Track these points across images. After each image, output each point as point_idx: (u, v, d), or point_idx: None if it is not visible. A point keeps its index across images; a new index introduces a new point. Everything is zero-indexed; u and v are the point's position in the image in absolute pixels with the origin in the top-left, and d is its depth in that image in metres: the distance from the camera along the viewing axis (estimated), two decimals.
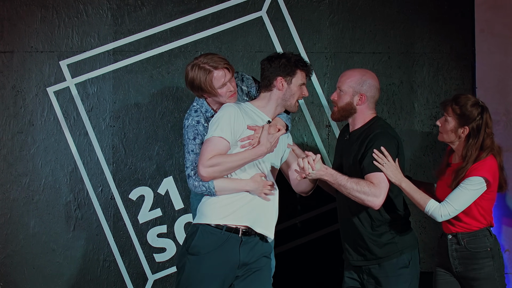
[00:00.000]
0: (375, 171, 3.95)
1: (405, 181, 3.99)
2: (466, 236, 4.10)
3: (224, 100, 4.05)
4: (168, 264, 5.10)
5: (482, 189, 4.02)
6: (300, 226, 5.09)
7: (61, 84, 5.08)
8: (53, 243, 5.07)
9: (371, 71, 4.17)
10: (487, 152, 4.04)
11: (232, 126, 3.90)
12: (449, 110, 4.10)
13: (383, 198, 3.94)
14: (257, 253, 3.99)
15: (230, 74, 4.02)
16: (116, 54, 5.08)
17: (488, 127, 4.06)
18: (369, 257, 4.09)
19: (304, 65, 4.06)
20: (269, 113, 4.07)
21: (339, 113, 4.14)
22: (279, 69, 4.01)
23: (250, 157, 3.90)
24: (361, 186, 3.91)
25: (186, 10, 5.10)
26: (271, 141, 3.92)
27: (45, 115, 5.07)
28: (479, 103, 4.09)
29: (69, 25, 5.08)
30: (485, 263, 4.08)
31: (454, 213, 4.00)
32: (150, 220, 5.11)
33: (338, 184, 3.93)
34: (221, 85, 4.00)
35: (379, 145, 3.97)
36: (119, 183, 5.09)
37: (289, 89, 4.05)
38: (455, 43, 5.16)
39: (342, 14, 5.14)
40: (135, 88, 5.10)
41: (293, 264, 5.06)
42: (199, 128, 4.04)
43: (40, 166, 5.06)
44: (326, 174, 3.93)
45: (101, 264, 5.09)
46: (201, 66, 4.01)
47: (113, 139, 5.08)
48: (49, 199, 5.06)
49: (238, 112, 3.94)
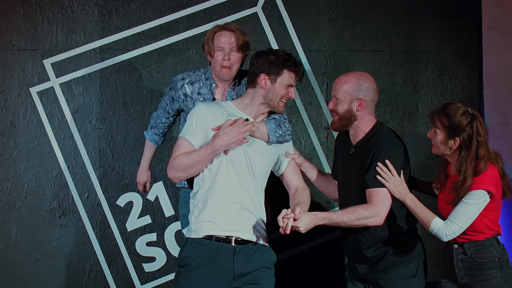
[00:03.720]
0: (377, 187, 3.94)
1: (409, 197, 3.98)
2: (472, 245, 4.06)
3: (217, 70, 4.15)
4: (158, 274, 5.09)
5: (485, 202, 3.98)
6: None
7: (45, 84, 5.07)
8: (37, 252, 5.06)
9: (367, 73, 4.12)
10: (484, 161, 3.99)
11: (198, 127, 3.90)
12: (437, 122, 4.07)
13: (385, 213, 3.94)
14: (255, 263, 3.93)
15: (235, 44, 4.12)
16: (103, 52, 5.07)
17: (480, 136, 4.01)
18: (376, 268, 4.06)
19: (293, 65, 3.94)
20: (251, 112, 3.99)
21: (339, 122, 4.08)
22: (265, 65, 3.92)
23: (206, 152, 3.87)
24: (358, 214, 3.91)
25: (177, 6, 5.09)
26: (230, 134, 3.84)
27: (28, 117, 5.05)
28: (468, 112, 4.04)
29: (53, 21, 5.06)
30: (493, 274, 4.03)
31: (459, 230, 3.98)
32: (139, 227, 5.10)
33: (336, 223, 3.92)
34: (219, 46, 4.10)
35: (384, 157, 3.95)
36: (106, 189, 5.08)
37: (272, 88, 3.95)
38: (461, 41, 5.15)
39: (342, 10, 5.13)
40: (123, 88, 5.08)
41: (292, 273, 5.04)
42: (178, 84, 4.26)
43: (22, 171, 5.05)
44: (319, 220, 3.88)
45: (87, 274, 5.07)
46: (220, 25, 4.20)
47: (99, 142, 5.06)
48: (32, 205, 5.06)
49: (206, 112, 3.91)
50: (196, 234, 3.88)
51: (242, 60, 4.22)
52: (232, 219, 3.88)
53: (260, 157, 3.95)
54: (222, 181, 3.89)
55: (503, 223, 4.30)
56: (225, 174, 3.89)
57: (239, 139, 3.85)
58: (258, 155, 3.95)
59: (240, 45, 4.13)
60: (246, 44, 4.17)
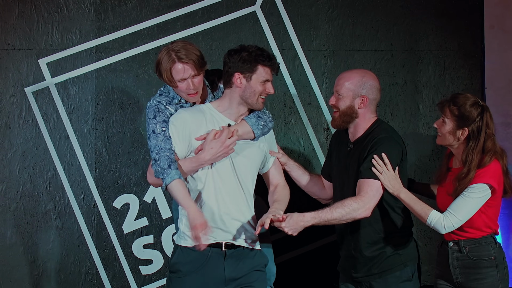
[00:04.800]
0: (370, 178, 3.95)
1: (404, 192, 3.99)
2: (468, 243, 4.07)
3: (184, 96, 4.00)
4: (155, 277, 5.07)
5: (486, 196, 3.99)
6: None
7: (40, 84, 5.05)
8: (32, 254, 5.04)
9: (370, 71, 4.16)
10: (490, 155, 4.02)
11: (181, 134, 3.89)
12: (447, 111, 4.09)
13: (373, 205, 3.93)
14: (246, 267, 3.93)
15: (194, 72, 3.92)
16: (99, 51, 5.05)
17: (489, 128, 4.05)
18: (371, 271, 4.06)
19: (267, 60, 3.91)
20: (231, 115, 3.98)
21: (340, 119, 4.09)
22: (238, 64, 3.90)
23: (190, 165, 3.88)
24: (348, 206, 3.91)
25: (174, 5, 5.08)
26: (215, 148, 3.84)
27: (23, 117, 5.03)
28: (478, 103, 4.07)
29: (48, 20, 5.04)
30: (489, 273, 4.03)
31: (458, 224, 3.98)
32: (136, 230, 5.07)
33: (326, 221, 3.91)
34: (179, 79, 3.93)
35: (381, 150, 3.96)
36: (103, 190, 5.06)
37: (249, 86, 3.92)
38: (463, 40, 5.15)
39: (342, 9, 5.12)
40: (119, 89, 5.06)
41: (286, 277, 4.97)
42: (160, 107, 4.00)
43: (17, 172, 5.03)
44: (307, 221, 3.88)
45: (83, 277, 5.05)
46: (169, 53, 3.95)
47: (96, 143, 5.05)
48: (27, 207, 5.04)
49: (189, 120, 3.90)
50: (186, 243, 3.90)
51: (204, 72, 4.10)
52: (221, 229, 3.89)
53: (247, 161, 3.95)
54: (209, 192, 3.90)
55: (506, 224, 4.34)
56: (211, 186, 3.90)
57: (224, 152, 3.85)
58: (245, 160, 3.94)
59: (198, 68, 3.95)
60: (201, 61, 3.99)
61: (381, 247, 4.02)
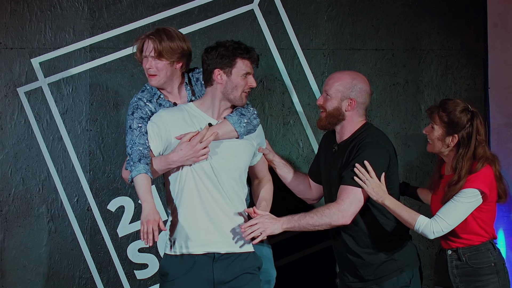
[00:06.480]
0: (351, 185, 3.96)
1: (388, 198, 3.98)
2: (467, 250, 4.08)
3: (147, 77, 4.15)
4: (150, 281, 5.08)
5: (477, 202, 4.01)
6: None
7: (32, 84, 5.05)
8: (24, 258, 5.04)
9: (362, 74, 4.20)
10: (482, 162, 4.03)
11: (156, 132, 3.96)
12: (436, 118, 4.13)
13: (352, 213, 3.95)
14: (236, 270, 3.94)
15: (153, 50, 4.06)
16: (93, 51, 5.06)
17: (480, 135, 4.06)
18: (367, 278, 4.08)
19: (245, 52, 3.97)
20: (213, 113, 4.01)
21: (326, 120, 4.12)
22: (216, 60, 3.96)
23: (160, 164, 3.95)
24: (322, 213, 3.93)
25: (170, 3, 5.09)
26: (184, 151, 3.88)
27: (15, 118, 5.02)
28: (468, 109, 4.09)
29: (41, 19, 5.04)
30: (489, 280, 4.04)
31: (447, 228, 3.98)
32: (131, 233, 5.07)
33: (302, 227, 3.94)
34: (143, 56, 4.10)
35: (365, 156, 3.97)
36: (97, 193, 5.06)
37: (230, 82, 3.97)
38: (465, 39, 5.17)
39: (342, 7, 5.14)
40: (114, 89, 5.07)
41: (286, 281, 4.95)
42: (139, 104, 4.12)
43: (9, 174, 5.02)
44: (280, 227, 3.91)
45: (77, 282, 5.05)
46: (154, 29, 4.15)
47: (90, 144, 5.05)
48: (19, 210, 5.03)
49: (167, 118, 3.96)
50: (172, 252, 3.96)
51: (176, 67, 4.14)
52: (207, 232, 3.91)
53: (230, 161, 3.95)
54: (190, 194, 3.92)
55: (507, 229, 4.35)
56: (193, 187, 3.92)
57: (194, 157, 3.87)
58: (227, 161, 3.95)
59: (162, 54, 4.04)
60: (170, 51, 4.06)
61: (374, 252, 4.03)
